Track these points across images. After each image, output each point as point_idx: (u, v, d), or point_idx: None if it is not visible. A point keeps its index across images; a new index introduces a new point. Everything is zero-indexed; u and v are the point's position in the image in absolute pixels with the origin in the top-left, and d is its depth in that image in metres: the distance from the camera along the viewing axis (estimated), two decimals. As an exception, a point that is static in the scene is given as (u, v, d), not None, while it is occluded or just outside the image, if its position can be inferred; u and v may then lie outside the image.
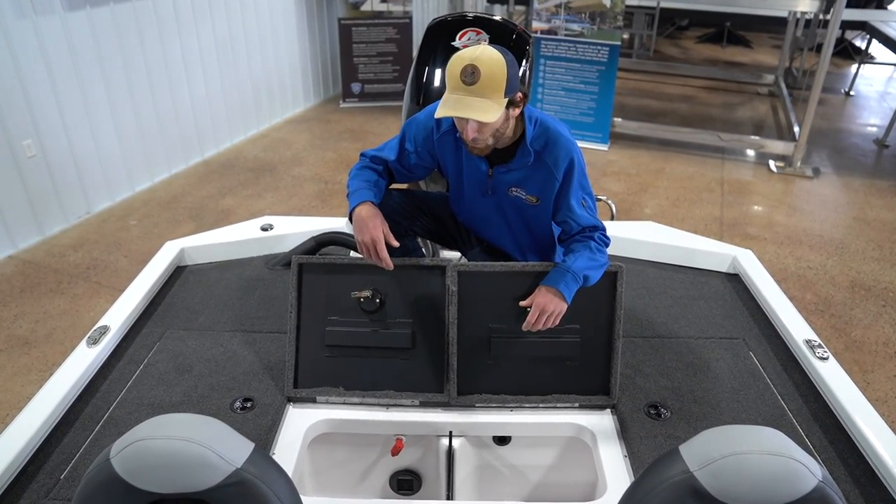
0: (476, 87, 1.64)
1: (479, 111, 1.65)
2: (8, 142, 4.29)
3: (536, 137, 1.83)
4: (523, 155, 1.84)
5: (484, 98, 1.65)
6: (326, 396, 1.93)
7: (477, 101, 1.65)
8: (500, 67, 1.65)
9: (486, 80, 1.64)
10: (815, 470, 1.13)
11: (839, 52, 9.97)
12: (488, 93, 1.65)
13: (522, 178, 1.88)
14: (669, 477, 1.18)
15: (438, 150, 1.96)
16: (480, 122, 1.67)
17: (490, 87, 1.65)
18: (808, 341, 2.08)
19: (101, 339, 2.07)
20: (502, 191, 1.93)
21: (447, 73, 1.69)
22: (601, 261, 1.84)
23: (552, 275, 1.82)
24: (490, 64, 1.64)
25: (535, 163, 1.85)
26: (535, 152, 1.83)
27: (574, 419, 1.90)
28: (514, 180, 1.90)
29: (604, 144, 6.59)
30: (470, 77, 1.63)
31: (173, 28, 5.48)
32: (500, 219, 2.02)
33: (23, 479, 1.64)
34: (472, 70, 1.63)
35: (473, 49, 1.67)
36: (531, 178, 1.88)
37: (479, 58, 1.64)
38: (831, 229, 5.08)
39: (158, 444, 1.13)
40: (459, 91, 1.66)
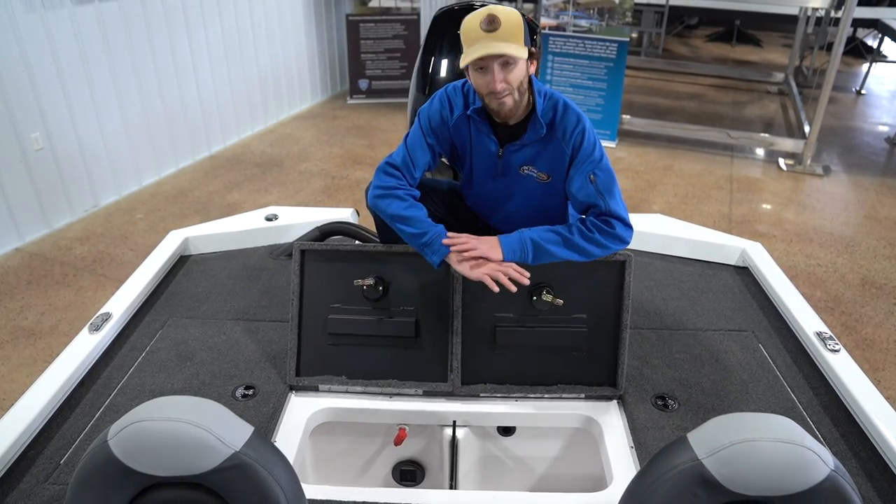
0: (498, 32, 1.66)
1: (503, 47, 1.66)
2: (16, 135, 4.30)
3: (546, 109, 1.82)
4: (535, 128, 1.82)
5: (506, 42, 1.67)
6: (329, 385, 1.91)
7: (499, 42, 1.67)
8: (517, 16, 1.70)
9: (507, 26, 1.66)
10: (826, 459, 1.10)
11: (850, 50, 9.89)
12: (511, 37, 1.67)
13: (534, 154, 1.86)
14: (677, 465, 1.16)
15: (455, 134, 1.93)
16: (511, 56, 1.67)
17: (511, 32, 1.67)
18: (819, 333, 2.05)
19: (104, 325, 2.06)
20: (514, 171, 1.91)
21: (464, 32, 1.71)
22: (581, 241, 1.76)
23: (510, 236, 1.80)
24: (507, 13, 1.68)
25: (547, 135, 1.83)
26: (547, 124, 1.82)
27: (580, 410, 1.87)
28: (526, 158, 1.88)
29: (612, 141, 6.55)
30: (490, 25, 1.66)
31: (181, 23, 5.49)
32: (510, 202, 2.00)
33: (23, 464, 1.62)
34: (492, 18, 1.66)
35: (488, 7, 1.70)
36: (542, 154, 1.86)
37: (496, 9, 1.68)
38: (841, 227, 5.03)
39: (156, 425, 1.12)
40: (482, 39, 1.68)
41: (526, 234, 1.79)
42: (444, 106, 1.90)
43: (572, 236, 1.78)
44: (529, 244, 1.78)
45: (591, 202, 1.81)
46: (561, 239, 1.78)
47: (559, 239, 1.78)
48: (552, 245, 1.78)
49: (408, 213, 1.82)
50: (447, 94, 1.90)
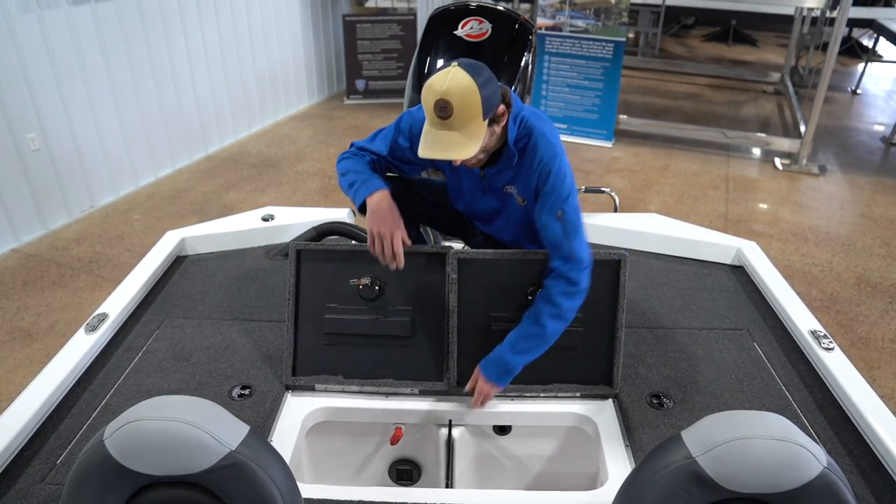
0: (451, 121, 1.58)
1: (456, 149, 1.60)
2: (12, 135, 4.30)
3: (519, 137, 1.78)
4: (508, 156, 1.79)
5: (461, 130, 1.60)
6: (325, 384, 1.92)
7: (454, 137, 1.60)
8: (473, 94, 1.57)
9: (460, 112, 1.57)
10: (820, 456, 1.11)
11: (846, 50, 9.92)
12: (465, 123, 1.60)
13: (512, 176, 1.84)
14: (671, 463, 1.16)
15: None
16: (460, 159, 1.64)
17: (465, 117, 1.59)
18: (814, 332, 2.05)
19: (100, 326, 2.06)
20: (498, 189, 1.90)
21: (424, 104, 1.63)
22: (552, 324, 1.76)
23: (490, 361, 1.80)
24: (461, 95, 1.56)
25: (519, 162, 1.80)
26: (519, 151, 1.78)
27: (575, 409, 1.88)
28: (506, 180, 1.86)
29: (608, 141, 6.56)
30: (443, 112, 1.57)
31: (178, 23, 5.48)
32: (498, 216, 1.99)
33: (19, 464, 1.62)
34: (444, 104, 1.56)
35: (443, 77, 1.58)
36: (519, 177, 1.83)
37: (450, 90, 1.56)
38: (837, 226, 5.04)
39: (152, 424, 1.12)
40: (436, 125, 1.61)
41: (512, 364, 1.79)
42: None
43: (544, 330, 1.76)
44: (512, 365, 1.79)
45: (556, 242, 1.76)
46: (537, 343, 1.79)
47: (536, 343, 1.79)
48: (530, 353, 1.79)
49: (349, 166, 1.89)
50: None
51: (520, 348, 1.78)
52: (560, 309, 1.75)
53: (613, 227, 2.69)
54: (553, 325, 1.76)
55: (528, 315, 1.80)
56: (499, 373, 1.80)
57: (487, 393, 1.81)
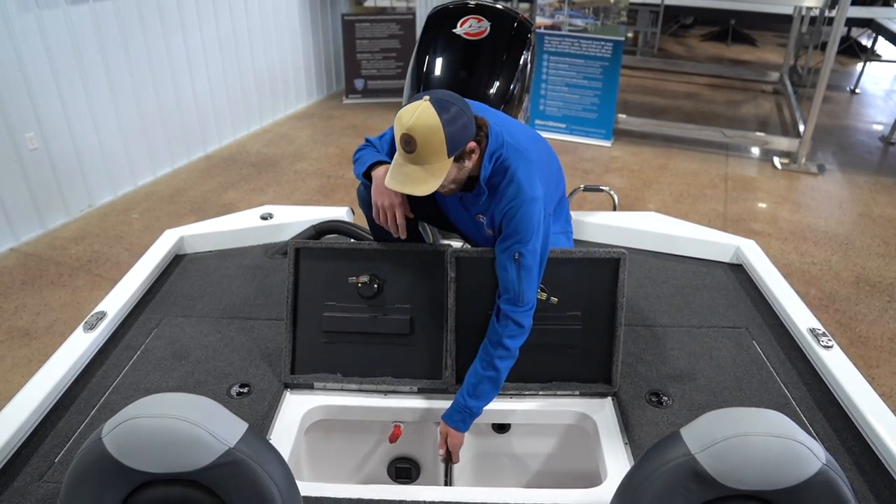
0: (414, 155, 1.61)
1: (416, 184, 1.63)
2: (10, 134, 4.29)
3: (493, 174, 1.77)
4: (479, 191, 1.80)
5: (424, 166, 1.62)
6: (324, 382, 1.91)
7: (416, 171, 1.63)
8: (436, 134, 1.58)
9: (423, 150, 1.60)
10: (819, 453, 1.11)
11: (845, 49, 9.93)
12: (428, 160, 1.62)
13: (484, 208, 1.85)
14: (670, 460, 1.16)
15: None
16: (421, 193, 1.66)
17: (428, 154, 1.61)
18: (813, 330, 2.05)
19: (98, 324, 2.05)
20: (472, 213, 1.91)
21: (395, 130, 1.65)
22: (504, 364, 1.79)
23: (452, 412, 1.80)
24: (424, 132, 1.58)
25: (488, 199, 1.81)
26: (489, 188, 1.79)
27: (574, 407, 1.88)
28: (480, 209, 1.87)
29: (607, 141, 6.56)
30: (407, 146, 1.61)
31: (176, 22, 5.48)
32: (478, 233, 1.99)
33: (17, 462, 1.62)
34: (409, 139, 1.60)
35: (412, 111, 1.60)
36: (489, 210, 1.84)
37: (414, 127, 1.58)
38: (836, 225, 5.04)
39: (150, 422, 1.12)
40: (403, 157, 1.65)
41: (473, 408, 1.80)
42: None
43: (499, 373, 1.80)
44: (476, 411, 1.81)
45: (508, 284, 1.77)
46: (493, 384, 1.80)
47: (493, 385, 1.80)
48: (490, 395, 1.81)
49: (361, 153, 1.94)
50: None
51: (479, 393, 1.80)
52: (509, 351, 1.79)
53: (612, 225, 2.69)
54: (505, 364, 1.80)
55: (480, 360, 1.81)
56: (462, 420, 1.80)
57: (459, 443, 1.82)
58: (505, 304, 1.78)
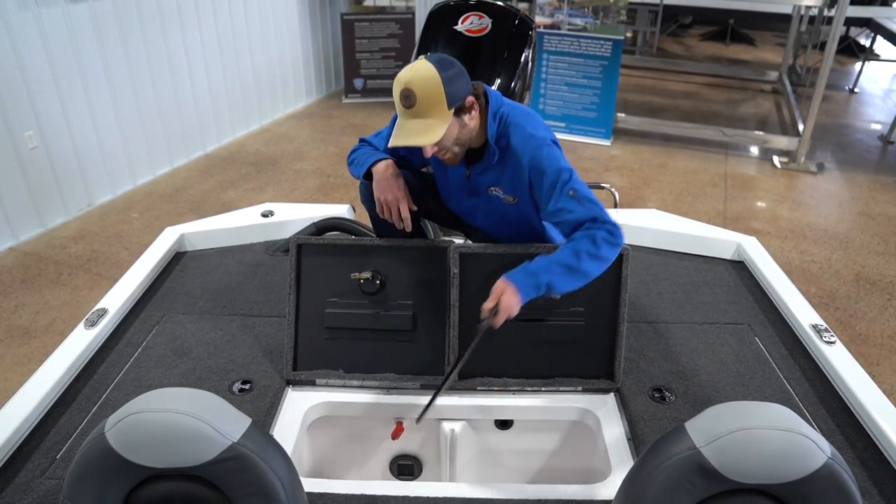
0: (415, 109, 1.62)
1: (420, 135, 1.63)
2: (9, 133, 4.28)
3: (500, 136, 1.77)
4: (490, 154, 1.79)
5: (426, 118, 1.63)
6: (326, 379, 1.91)
7: (418, 124, 1.63)
8: (435, 84, 1.61)
9: (424, 101, 1.61)
10: (824, 446, 1.10)
11: (843, 49, 9.94)
12: (429, 112, 1.63)
13: (497, 176, 1.84)
14: (675, 454, 1.16)
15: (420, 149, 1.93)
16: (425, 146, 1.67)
17: (428, 105, 1.62)
18: (815, 326, 2.06)
19: (99, 321, 2.05)
20: (482, 190, 1.90)
21: (394, 93, 1.66)
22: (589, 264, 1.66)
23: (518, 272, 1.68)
24: (424, 84, 1.60)
25: (501, 161, 1.80)
26: (500, 149, 1.78)
27: (577, 403, 1.87)
28: (491, 179, 1.85)
29: (606, 140, 6.56)
30: (407, 101, 1.62)
31: (175, 21, 5.47)
32: (486, 218, 1.99)
33: (18, 459, 1.62)
34: (408, 94, 1.61)
35: (409, 68, 1.63)
36: (504, 177, 1.83)
37: (412, 80, 1.61)
38: (836, 224, 5.05)
39: (154, 416, 1.11)
40: (403, 115, 1.66)
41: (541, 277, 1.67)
42: None
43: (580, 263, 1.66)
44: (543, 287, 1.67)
45: (581, 217, 1.69)
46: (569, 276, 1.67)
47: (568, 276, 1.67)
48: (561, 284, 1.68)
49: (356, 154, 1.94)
50: None
51: (551, 270, 1.66)
52: (599, 251, 1.65)
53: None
54: (590, 266, 1.66)
55: (565, 247, 1.68)
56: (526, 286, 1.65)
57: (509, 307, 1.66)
58: (590, 224, 1.68)
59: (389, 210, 1.84)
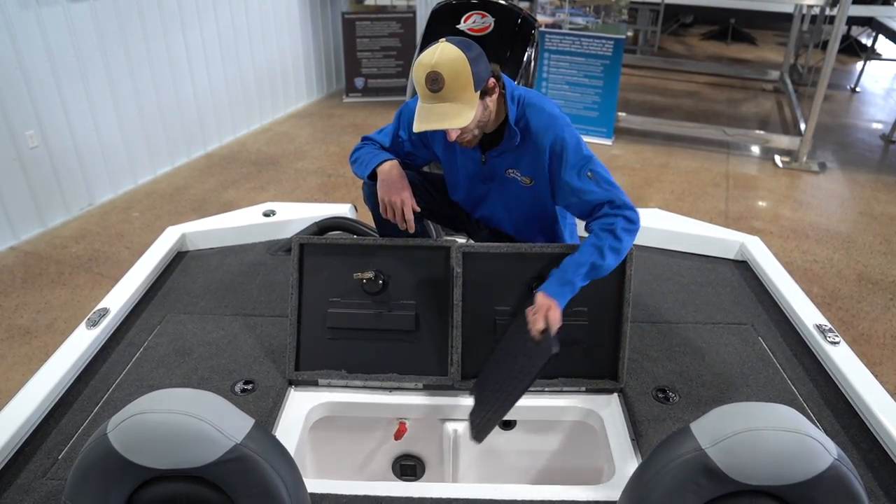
0: (443, 92, 1.60)
1: (451, 118, 1.61)
2: (10, 132, 4.27)
3: (519, 117, 1.78)
4: (510, 137, 1.79)
5: (454, 102, 1.61)
6: (328, 379, 1.90)
7: (447, 108, 1.61)
8: (463, 65, 1.59)
9: (452, 83, 1.59)
10: (830, 448, 1.10)
11: (845, 48, 9.92)
12: (457, 95, 1.61)
13: (515, 159, 1.84)
14: (680, 455, 1.15)
15: (432, 139, 1.92)
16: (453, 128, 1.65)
17: (457, 88, 1.60)
18: (819, 326, 2.05)
19: (101, 321, 2.04)
20: (500, 174, 1.89)
21: (414, 78, 1.63)
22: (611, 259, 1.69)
23: (552, 284, 1.72)
24: (451, 66, 1.58)
25: (522, 142, 1.80)
26: (521, 131, 1.78)
27: (581, 403, 1.87)
28: (509, 162, 1.86)
29: (608, 139, 6.55)
30: (434, 84, 1.59)
31: (176, 20, 5.46)
32: (500, 204, 1.98)
33: (20, 459, 1.61)
34: (435, 77, 1.58)
35: (433, 51, 1.60)
36: (522, 158, 1.83)
37: (440, 62, 1.58)
38: (838, 224, 5.04)
39: (156, 417, 1.11)
40: (428, 100, 1.63)
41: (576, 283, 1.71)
42: None
43: (605, 262, 1.70)
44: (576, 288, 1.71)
45: (599, 199, 1.71)
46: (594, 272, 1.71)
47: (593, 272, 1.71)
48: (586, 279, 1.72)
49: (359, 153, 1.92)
50: None
51: (580, 273, 1.70)
52: (621, 244, 1.69)
53: None
54: (612, 260, 1.70)
55: (589, 246, 1.70)
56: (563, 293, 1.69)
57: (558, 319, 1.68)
58: (609, 208, 1.71)
59: (393, 211, 1.83)
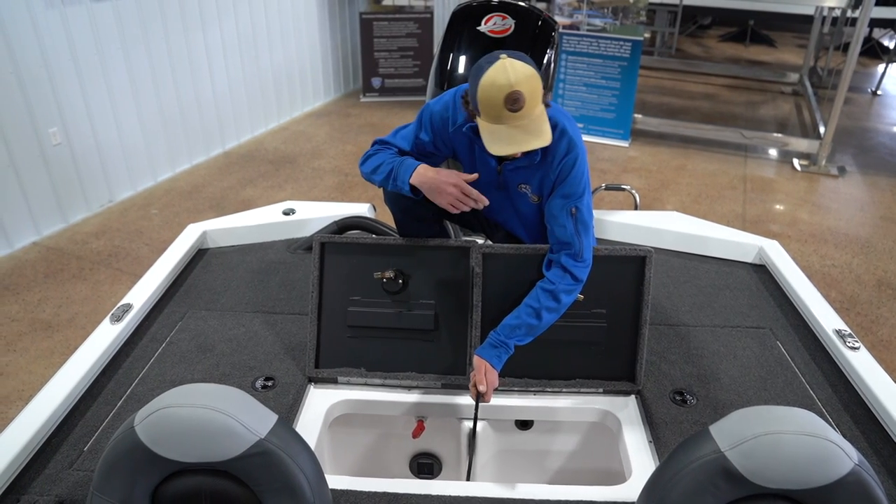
0: (522, 111, 1.57)
1: (536, 138, 1.59)
2: (34, 129, 4.34)
3: None
4: (530, 154, 1.77)
5: (531, 119, 1.59)
6: (348, 377, 1.92)
7: (528, 125, 1.59)
8: (537, 81, 1.57)
9: (530, 101, 1.56)
10: (851, 453, 1.10)
11: (866, 50, 9.82)
12: (532, 111, 1.59)
13: (528, 175, 1.83)
14: (699, 457, 1.16)
15: (454, 141, 1.92)
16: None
17: (534, 104, 1.58)
18: (839, 331, 2.04)
19: (124, 316, 2.07)
20: (512, 187, 1.89)
21: (485, 103, 1.57)
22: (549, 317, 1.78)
23: (487, 347, 1.79)
24: (529, 83, 1.55)
25: (541, 161, 1.79)
26: (542, 151, 1.77)
27: (598, 404, 1.87)
28: (521, 177, 1.84)
29: (625, 141, 6.53)
30: (515, 104, 1.55)
31: (197, 20, 5.52)
32: (513, 212, 1.98)
33: (47, 450, 1.64)
34: (517, 96, 1.54)
35: (502, 71, 1.55)
36: (534, 176, 1.82)
37: (519, 81, 1.54)
38: (857, 228, 4.99)
39: (183, 411, 1.13)
40: (507, 120, 1.58)
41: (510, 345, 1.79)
42: (447, 109, 1.85)
43: (541, 323, 1.78)
44: (511, 349, 1.79)
45: (566, 239, 1.77)
46: (530, 333, 1.79)
47: (529, 333, 1.80)
48: (524, 340, 1.80)
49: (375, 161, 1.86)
50: (454, 100, 1.84)
51: (515, 335, 1.79)
52: (560, 304, 1.78)
53: (634, 224, 2.68)
54: (550, 318, 1.79)
55: (525, 307, 1.78)
56: (498, 356, 1.78)
57: (495, 381, 1.76)
58: (564, 257, 1.77)
59: (459, 201, 1.76)
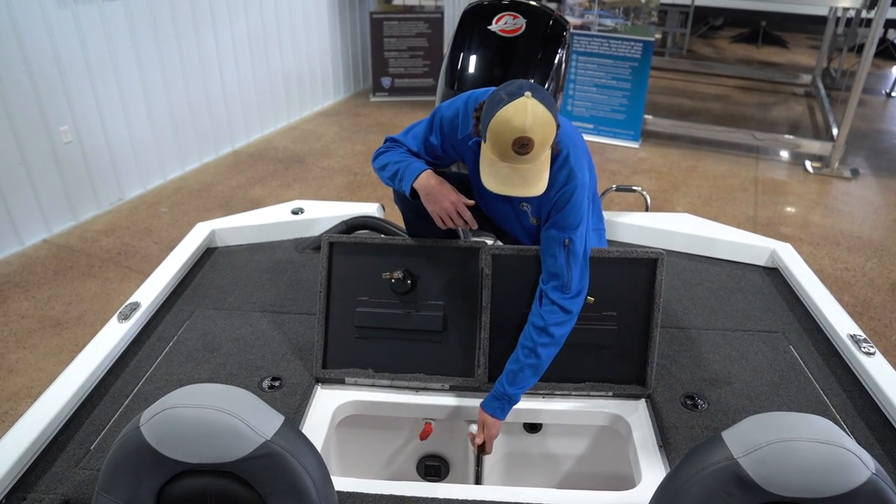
0: (529, 156, 1.56)
1: (531, 184, 1.58)
2: (46, 127, 4.36)
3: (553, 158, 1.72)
4: None
5: (534, 163, 1.58)
6: (355, 378, 1.91)
7: (527, 171, 1.58)
8: (552, 130, 1.55)
9: (538, 148, 1.55)
10: (867, 461, 1.07)
11: (880, 52, 9.73)
12: (539, 157, 1.58)
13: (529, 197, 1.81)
14: (711, 464, 1.14)
15: (462, 148, 1.91)
16: None
17: (540, 151, 1.57)
18: (853, 336, 2.01)
19: (132, 315, 2.07)
20: (516, 202, 1.88)
21: (494, 137, 1.55)
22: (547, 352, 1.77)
23: (490, 400, 1.79)
24: (542, 131, 1.53)
25: None
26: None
27: (608, 408, 1.85)
28: (524, 197, 1.83)
29: (635, 142, 6.50)
30: (522, 149, 1.54)
31: (207, 19, 5.53)
32: (518, 224, 1.96)
33: (54, 449, 1.64)
34: (525, 142, 1.52)
35: (521, 111, 1.51)
36: (535, 200, 1.81)
37: (533, 128, 1.51)
38: (870, 231, 4.94)
39: (188, 412, 1.12)
40: (510, 159, 1.57)
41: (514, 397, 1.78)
42: (458, 116, 1.83)
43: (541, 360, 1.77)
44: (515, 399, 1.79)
45: (557, 270, 1.75)
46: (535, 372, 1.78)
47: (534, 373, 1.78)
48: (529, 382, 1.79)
49: (385, 160, 1.86)
50: (465, 107, 1.82)
51: (519, 381, 1.77)
52: (554, 338, 1.76)
53: (645, 226, 2.66)
54: (548, 352, 1.78)
55: (522, 348, 1.78)
56: (501, 407, 1.78)
57: (496, 433, 1.79)
58: (552, 290, 1.75)
59: (450, 217, 1.78)
